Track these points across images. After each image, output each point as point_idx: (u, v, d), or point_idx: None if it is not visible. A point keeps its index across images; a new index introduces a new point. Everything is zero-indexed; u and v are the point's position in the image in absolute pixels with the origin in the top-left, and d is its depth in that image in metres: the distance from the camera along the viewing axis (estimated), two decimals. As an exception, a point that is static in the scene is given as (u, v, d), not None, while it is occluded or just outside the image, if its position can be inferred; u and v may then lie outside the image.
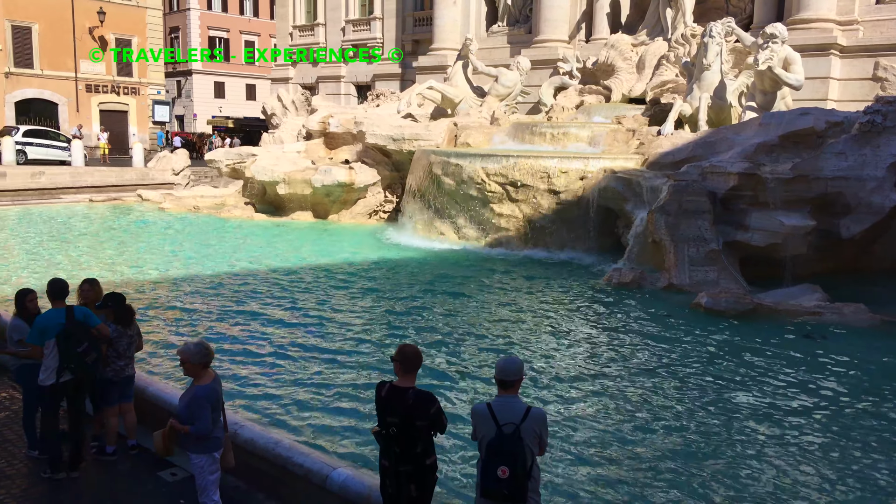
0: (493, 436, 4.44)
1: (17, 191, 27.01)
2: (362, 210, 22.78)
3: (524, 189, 17.10)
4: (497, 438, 4.41)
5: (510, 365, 4.66)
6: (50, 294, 6.51)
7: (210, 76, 60.38)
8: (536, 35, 26.18)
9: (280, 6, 39.09)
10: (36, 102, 40.23)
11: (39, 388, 6.43)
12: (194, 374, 5.39)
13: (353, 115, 24.44)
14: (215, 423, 5.41)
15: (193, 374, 5.39)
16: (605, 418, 7.75)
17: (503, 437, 4.40)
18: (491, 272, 15.29)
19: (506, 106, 23.75)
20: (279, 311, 11.88)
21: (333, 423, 7.51)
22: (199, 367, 5.35)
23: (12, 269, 14.90)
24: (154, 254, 16.99)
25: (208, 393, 5.34)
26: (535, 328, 11.12)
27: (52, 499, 6.18)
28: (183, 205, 24.69)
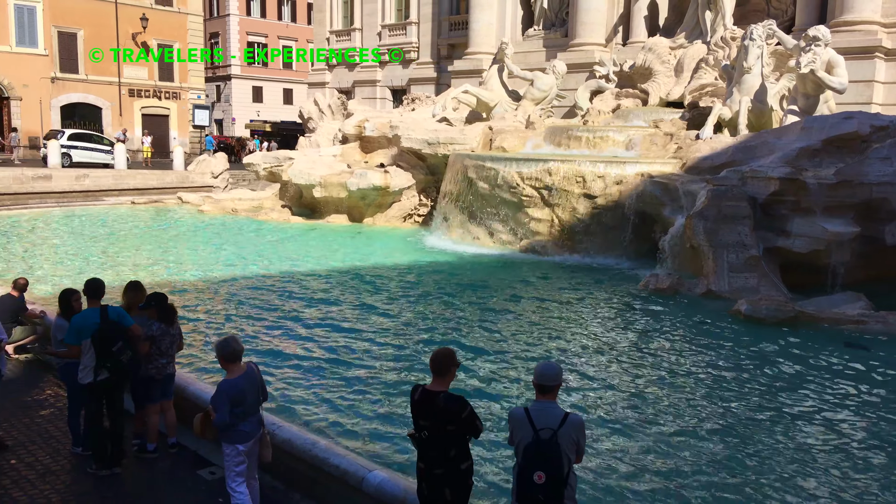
0: (529, 440, 4.42)
1: (63, 192, 27.74)
2: (397, 213, 22.89)
3: (559, 193, 17.02)
4: (534, 443, 4.39)
5: (549, 370, 4.64)
6: (86, 293, 6.69)
7: (248, 81, 61.32)
8: (573, 38, 26.05)
9: (317, 11, 39.54)
10: (81, 107, 41.29)
11: (82, 386, 6.59)
12: (224, 368, 5.64)
13: (388, 119, 24.60)
14: (238, 417, 5.51)
15: (225, 367, 5.63)
16: (643, 426, 7.66)
17: (540, 442, 4.38)
18: (525, 277, 15.24)
19: (541, 110, 23.66)
20: (315, 313, 11.99)
21: (369, 426, 7.55)
22: (228, 361, 5.56)
23: (56, 270, 15.30)
24: (193, 255, 17.30)
25: (229, 387, 5.48)
26: (571, 334, 11.04)
27: (94, 494, 6.33)
28: (221, 207, 25.10)
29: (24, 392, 8.56)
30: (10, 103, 37.96)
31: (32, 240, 19.19)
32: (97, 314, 6.50)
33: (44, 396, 8.48)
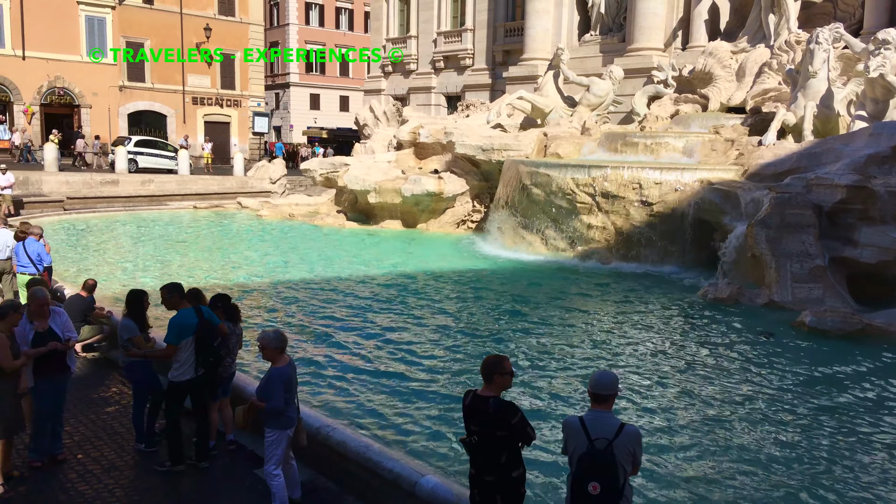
0: (584, 450, 4.35)
1: (129, 197, 28.76)
2: (450, 219, 22.96)
3: (615, 200, 16.79)
4: (589, 453, 4.33)
5: (604, 378, 4.57)
6: (181, 296, 6.91)
7: (306, 88, 62.48)
8: (630, 43, 25.72)
9: (374, 20, 40.05)
10: (146, 114, 42.77)
11: (171, 381, 6.78)
12: (271, 358, 5.91)
13: (442, 125, 24.71)
14: (288, 402, 5.84)
15: (271, 358, 5.91)
16: (702, 439, 7.47)
17: (595, 451, 4.31)
18: (580, 284, 15.07)
19: (597, 116, 23.42)
20: (369, 317, 12.10)
21: (423, 430, 7.57)
22: (276, 351, 5.88)
23: (122, 271, 15.84)
24: (251, 259, 17.68)
25: (281, 374, 5.82)
26: (626, 343, 10.86)
27: (157, 490, 6.51)
28: (279, 212, 25.61)
29: (91, 389, 8.88)
30: (81, 111, 39.60)
31: (100, 242, 19.94)
32: (194, 314, 6.78)
33: (109, 394, 8.79)
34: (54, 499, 6.25)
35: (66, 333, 6.94)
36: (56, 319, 6.92)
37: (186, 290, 7.08)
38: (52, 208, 25.69)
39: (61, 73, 38.21)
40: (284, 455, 5.94)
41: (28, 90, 37.39)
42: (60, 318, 7.00)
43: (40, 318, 6.78)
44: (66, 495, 6.31)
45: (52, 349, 6.68)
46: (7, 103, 37.35)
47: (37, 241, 11.14)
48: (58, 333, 6.83)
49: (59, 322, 6.95)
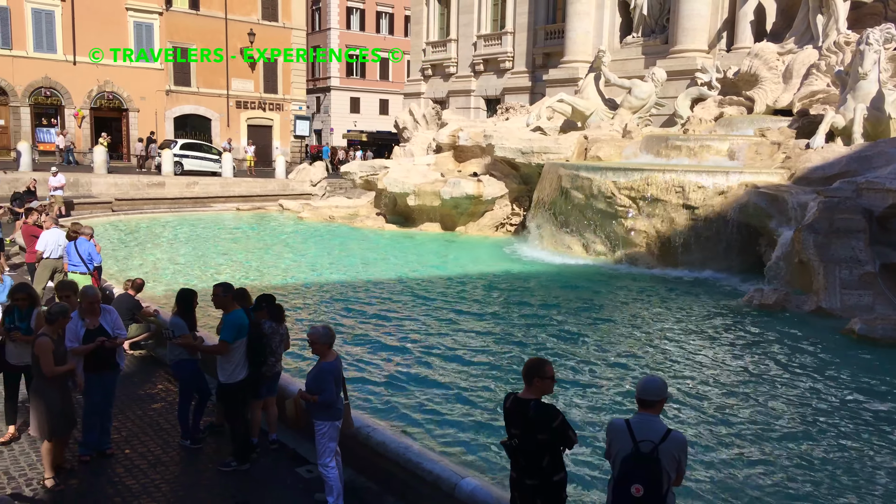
0: (628, 452, 4.30)
1: (174, 199, 29.38)
2: (489, 222, 22.93)
3: (657, 204, 16.57)
4: (633, 455, 4.27)
5: (652, 384, 4.50)
6: (234, 296, 7.01)
7: (346, 92, 63.08)
8: (673, 45, 25.37)
9: (415, 24, 40.27)
10: (192, 118, 43.68)
11: (226, 384, 6.86)
12: (321, 353, 6.10)
13: (482, 128, 24.71)
14: (337, 395, 6.05)
15: (320, 352, 6.11)
16: (746, 448, 7.32)
17: (640, 454, 4.25)
18: (620, 289, 14.91)
19: (639, 118, 23.17)
20: (408, 319, 12.15)
21: (463, 432, 7.57)
22: (325, 346, 6.09)
23: (168, 271, 16.19)
24: (292, 260, 17.91)
25: (332, 368, 6.04)
26: (668, 349, 10.70)
27: (200, 486, 6.62)
28: (319, 214, 25.89)
29: (138, 386, 9.09)
30: (129, 114, 40.63)
31: (147, 243, 20.40)
32: (245, 314, 6.93)
33: (155, 391, 8.98)
34: (103, 492, 6.40)
35: (115, 331, 7.10)
36: (107, 317, 7.08)
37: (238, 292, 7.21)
38: (101, 209, 26.39)
39: (110, 77, 39.27)
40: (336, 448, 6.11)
41: (78, 94, 38.51)
42: (111, 317, 7.16)
43: (91, 315, 6.94)
44: (114, 489, 6.46)
45: (100, 345, 6.83)
46: (59, 107, 38.52)
47: (88, 241, 11.44)
48: (108, 331, 6.99)
49: (110, 320, 7.10)
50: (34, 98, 37.44)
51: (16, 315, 7.23)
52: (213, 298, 6.98)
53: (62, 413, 6.51)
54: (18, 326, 7.16)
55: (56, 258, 12.14)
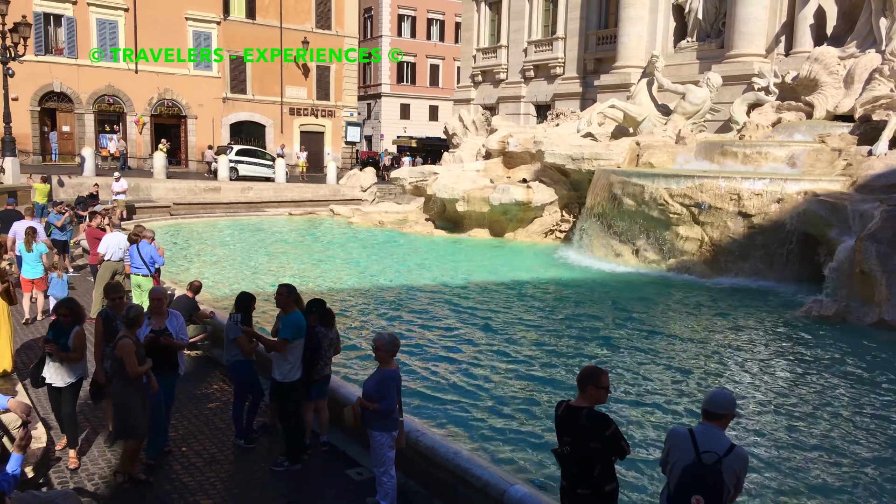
0: (690, 462, 4.19)
1: (229, 203, 30.10)
2: (538, 229, 22.83)
3: (711, 211, 16.25)
4: (695, 465, 4.17)
5: (721, 398, 4.41)
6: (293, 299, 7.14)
7: (397, 99, 63.65)
8: (729, 49, 24.87)
9: (465, 30, 40.42)
10: (247, 124, 44.67)
11: (281, 382, 6.99)
12: (383, 361, 6.14)
13: (532, 134, 24.63)
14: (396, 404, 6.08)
15: (382, 360, 6.14)
16: (804, 465, 7.11)
17: (702, 465, 4.15)
18: (672, 297, 14.67)
19: (693, 124, 22.77)
20: (458, 325, 12.18)
21: (511, 439, 7.55)
22: (388, 354, 6.13)
23: (224, 274, 16.58)
24: (343, 265, 18.14)
25: (394, 376, 6.11)
26: (722, 360, 10.48)
27: (254, 485, 6.76)
28: (369, 219, 26.17)
29: (194, 386, 9.33)
30: (187, 121, 41.79)
31: (203, 246, 20.95)
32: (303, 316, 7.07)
33: (211, 391, 9.21)
34: (161, 488, 6.59)
35: (179, 335, 7.27)
36: (172, 321, 7.26)
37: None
38: (159, 213, 27.21)
39: (170, 85, 40.46)
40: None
41: (139, 102, 39.78)
42: (177, 321, 7.33)
43: (157, 315, 7.13)
44: (171, 485, 6.64)
45: (155, 341, 6.92)
46: (121, 114, 39.87)
47: (150, 245, 11.80)
48: (172, 334, 7.16)
49: (176, 324, 7.27)
50: (98, 105, 38.83)
51: (57, 329, 6.98)
52: (277, 297, 7.18)
53: (144, 413, 6.60)
54: (56, 341, 6.88)
55: (117, 260, 12.54)
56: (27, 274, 12.46)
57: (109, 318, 7.31)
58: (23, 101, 35.49)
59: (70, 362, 6.93)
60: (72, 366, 6.96)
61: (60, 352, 6.85)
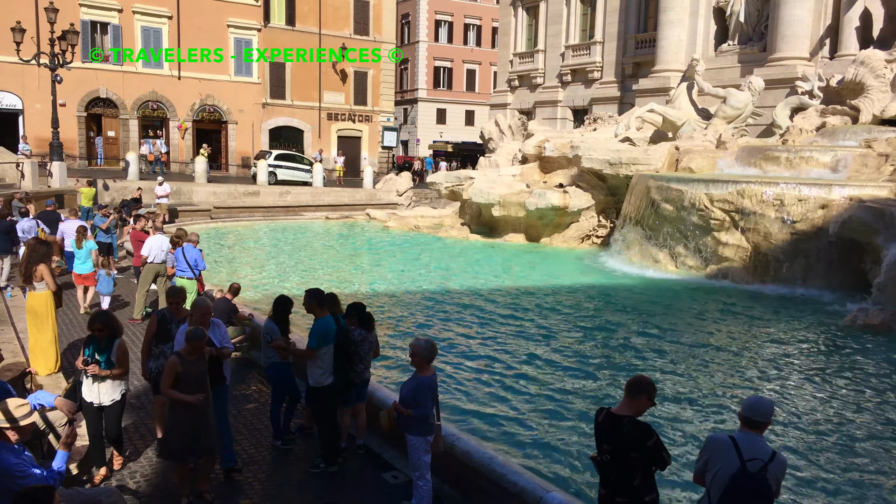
0: (735, 470, 4.17)
1: (268, 207, 30.51)
2: (574, 234, 22.67)
3: (753, 217, 15.96)
4: (742, 473, 4.14)
5: (762, 405, 4.37)
6: (320, 303, 7.18)
7: (433, 104, 63.88)
8: (772, 53, 24.41)
9: (502, 35, 40.41)
10: (286, 129, 45.30)
11: (314, 387, 7.06)
12: (419, 366, 6.10)
13: (569, 139, 24.49)
14: (431, 410, 6.07)
15: (419, 366, 6.09)
16: (845, 476, 6.92)
17: (749, 473, 4.13)
18: (713, 305, 14.42)
19: (734, 128, 22.39)
20: (494, 330, 12.15)
21: (547, 446, 7.50)
22: (424, 361, 6.07)
23: (263, 276, 16.80)
24: (378, 268, 18.25)
25: (430, 383, 6.04)
26: (763, 369, 10.26)
27: (291, 485, 6.82)
28: (405, 224, 26.28)
29: (233, 387, 9.40)
30: (228, 126, 42.53)
31: (243, 249, 21.27)
32: (333, 321, 7.08)
33: (249, 392, 9.32)
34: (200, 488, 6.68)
35: (223, 344, 7.11)
36: (216, 331, 7.05)
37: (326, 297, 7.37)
38: (200, 216, 27.69)
39: (212, 91, 41.23)
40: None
41: (182, 107, 40.61)
42: (220, 330, 7.16)
43: (202, 326, 6.81)
44: (210, 485, 6.73)
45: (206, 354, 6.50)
46: (164, 120, 40.75)
47: (194, 248, 12.00)
48: (216, 344, 6.98)
49: (219, 333, 7.09)
50: (142, 111, 39.75)
51: (95, 346, 6.52)
52: (304, 303, 7.23)
53: (180, 435, 6.12)
54: (97, 360, 6.48)
55: (159, 263, 12.80)
56: (78, 269, 13.14)
57: (166, 319, 7.28)
58: (70, 107, 36.51)
59: (116, 378, 6.59)
60: (116, 381, 6.63)
61: (105, 370, 6.48)
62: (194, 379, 6.20)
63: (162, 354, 7.13)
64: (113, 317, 6.85)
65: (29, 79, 34.13)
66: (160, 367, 6.99)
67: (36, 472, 4.52)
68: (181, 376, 6.15)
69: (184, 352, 6.26)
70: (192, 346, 6.25)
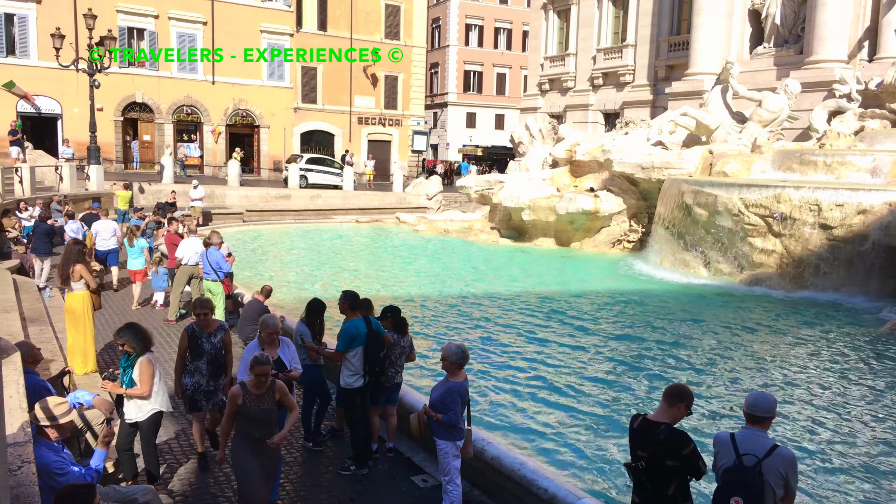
0: (730, 464, 4.28)
1: (299, 211, 30.82)
2: (605, 239, 22.48)
3: (789, 222, 15.67)
4: (735, 468, 4.25)
5: (762, 401, 4.44)
6: (350, 305, 7.24)
7: (463, 107, 63.91)
8: (809, 55, 23.99)
9: (533, 38, 40.30)
10: (317, 133, 45.72)
11: (344, 388, 7.11)
12: (450, 371, 6.05)
13: (600, 142, 24.31)
14: (461, 416, 6.03)
15: (449, 370, 6.04)
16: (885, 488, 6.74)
17: (742, 468, 4.23)
18: (747, 312, 14.17)
19: (769, 132, 22.02)
20: (524, 335, 12.09)
21: (578, 452, 7.43)
22: (455, 366, 6.00)
23: (293, 278, 16.95)
24: (409, 271, 18.29)
25: (460, 388, 5.99)
26: (800, 379, 10.05)
27: (321, 487, 6.85)
28: (434, 228, 26.31)
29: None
30: (260, 130, 43.06)
31: (274, 251, 21.48)
32: (363, 324, 7.09)
33: (280, 393, 9.38)
34: (232, 488, 6.74)
35: (292, 364, 6.81)
36: (285, 350, 6.69)
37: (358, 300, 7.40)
38: (233, 220, 28.07)
39: (244, 96, 41.77)
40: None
41: (216, 112, 41.20)
42: (289, 350, 6.78)
43: (270, 346, 6.55)
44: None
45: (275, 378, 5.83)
46: (198, 124, 41.38)
47: (217, 251, 12.08)
48: (286, 364, 6.70)
49: (288, 353, 6.76)
50: (176, 115, 40.40)
51: (125, 359, 6.28)
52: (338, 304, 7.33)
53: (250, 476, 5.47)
54: (115, 375, 6.28)
55: (193, 265, 12.98)
56: (131, 266, 14.19)
57: (195, 335, 6.93)
58: (107, 112, 37.24)
59: (133, 397, 6.20)
60: (141, 401, 6.25)
61: (121, 388, 6.16)
62: (259, 417, 5.41)
63: (197, 371, 6.93)
64: (138, 331, 6.33)
65: (67, 84, 34.90)
66: (196, 384, 6.93)
67: (74, 470, 4.60)
68: (243, 413, 5.41)
69: (250, 384, 5.46)
70: (257, 379, 5.39)
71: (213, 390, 7.06)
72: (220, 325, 7.15)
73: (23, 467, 3.48)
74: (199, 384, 6.97)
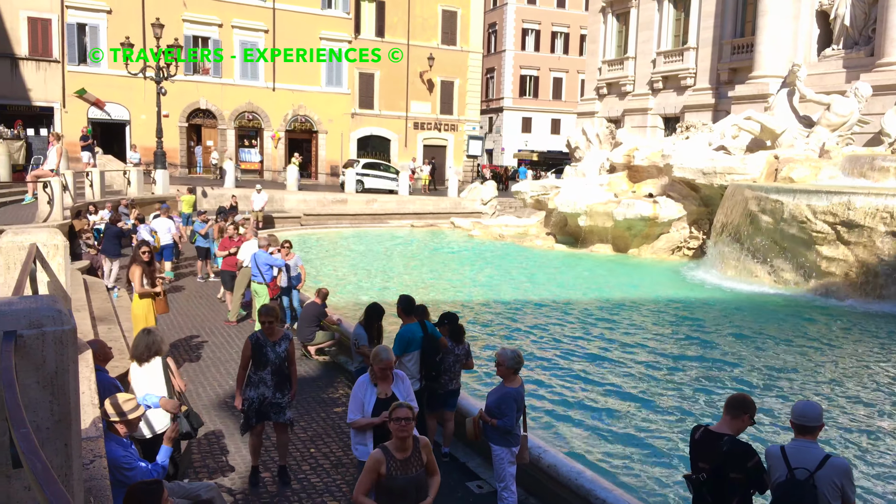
0: (783, 479, 4.14)
1: (355, 215, 31.17)
2: (664, 245, 22.03)
3: (859, 231, 15.06)
4: (787, 483, 4.11)
5: (810, 410, 4.29)
6: (405, 309, 7.28)
7: (519, 112, 63.72)
8: (880, 57, 23.05)
9: (590, 42, 39.89)
10: (373, 138, 46.27)
11: None
12: (505, 376, 6.00)
13: (659, 147, 23.87)
14: (516, 422, 5.94)
15: (505, 376, 6.00)
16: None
17: (794, 482, 4.08)
18: (815, 322, 13.68)
19: (838, 137, 21.23)
20: (582, 342, 11.93)
21: (635, 462, 7.28)
22: (510, 371, 5.95)
23: (350, 282, 17.13)
24: (463, 277, 18.28)
25: (516, 394, 5.93)
26: (869, 395, 9.62)
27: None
28: (489, 233, 26.24)
29: (322, 390, 9.66)
30: (318, 136, 43.80)
31: (331, 255, 21.77)
32: (419, 328, 7.13)
33: (337, 395, 9.49)
34: (289, 487, 6.85)
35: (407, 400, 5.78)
36: (399, 385, 5.84)
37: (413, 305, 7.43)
38: (291, 223, 28.58)
39: (303, 102, 42.58)
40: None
41: (276, 118, 42.11)
42: (404, 385, 5.91)
43: (383, 381, 5.77)
44: (300, 485, 6.88)
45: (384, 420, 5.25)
46: (258, 130, 42.37)
47: (265, 253, 12.20)
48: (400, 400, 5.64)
49: (403, 388, 5.87)
50: (238, 121, 41.47)
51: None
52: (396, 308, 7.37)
53: None
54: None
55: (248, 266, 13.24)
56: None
57: (260, 343, 6.65)
58: (172, 118, 38.47)
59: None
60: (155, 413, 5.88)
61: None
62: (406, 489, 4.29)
63: (262, 382, 6.63)
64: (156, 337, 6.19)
65: (136, 91, 36.17)
66: (261, 395, 6.63)
67: (142, 466, 4.73)
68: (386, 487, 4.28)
69: (392, 446, 4.34)
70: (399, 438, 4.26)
71: (280, 404, 6.73)
72: (285, 334, 6.87)
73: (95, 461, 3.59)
74: (265, 396, 6.65)
